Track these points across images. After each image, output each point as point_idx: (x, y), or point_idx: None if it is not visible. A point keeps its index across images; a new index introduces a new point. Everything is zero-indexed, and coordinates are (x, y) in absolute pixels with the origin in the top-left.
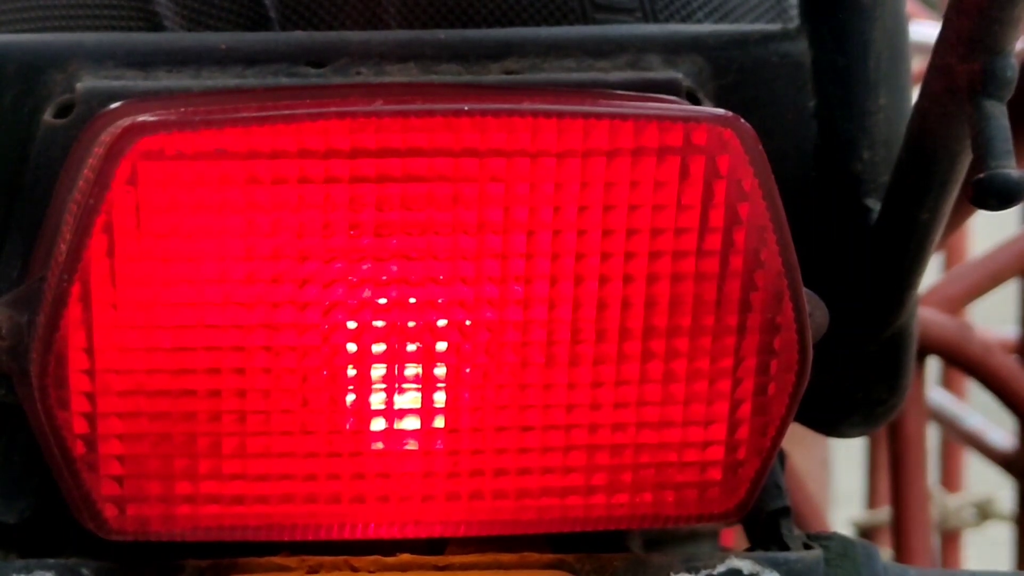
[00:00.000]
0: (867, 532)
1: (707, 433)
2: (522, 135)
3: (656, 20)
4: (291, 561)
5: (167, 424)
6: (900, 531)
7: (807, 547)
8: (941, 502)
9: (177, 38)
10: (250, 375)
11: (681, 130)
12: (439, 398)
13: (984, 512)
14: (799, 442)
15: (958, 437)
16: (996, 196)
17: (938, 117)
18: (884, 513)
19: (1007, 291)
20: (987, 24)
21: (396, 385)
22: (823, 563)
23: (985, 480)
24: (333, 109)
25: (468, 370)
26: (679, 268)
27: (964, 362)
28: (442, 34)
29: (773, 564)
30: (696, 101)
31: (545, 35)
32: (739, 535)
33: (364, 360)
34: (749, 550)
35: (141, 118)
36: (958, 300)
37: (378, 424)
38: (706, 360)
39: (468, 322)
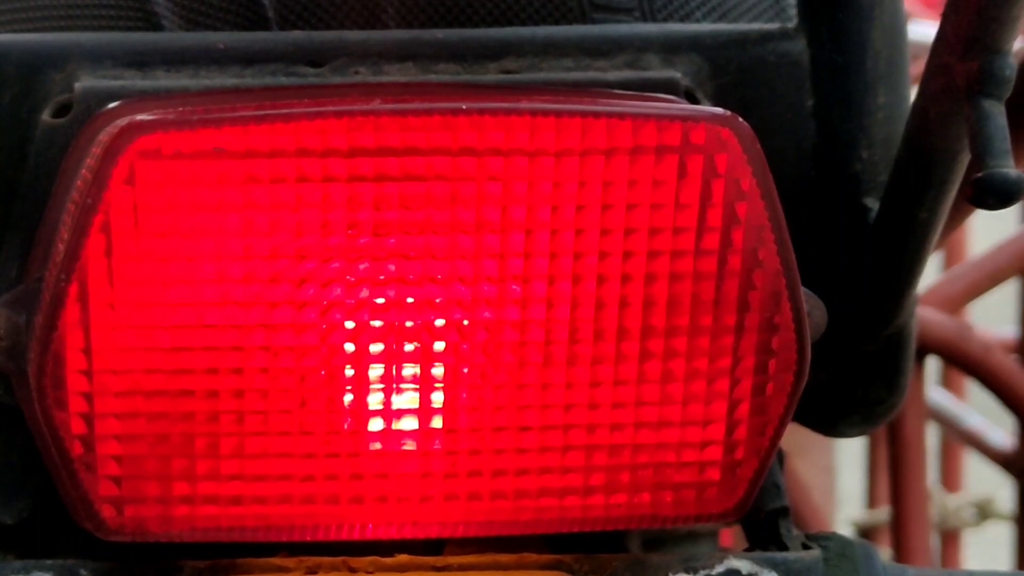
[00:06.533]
0: (866, 532)
1: (705, 433)
2: (520, 134)
3: (654, 19)
4: (289, 562)
5: (165, 424)
6: (899, 531)
7: (806, 547)
8: (941, 502)
9: (175, 38)
10: (248, 375)
11: (679, 129)
12: (437, 398)
13: (984, 512)
14: (804, 450)
15: (958, 437)
16: (995, 195)
17: (936, 116)
18: (884, 513)
19: (1007, 291)
20: (985, 23)
21: (394, 385)
22: (822, 563)
23: (985, 480)
24: (331, 108)
25: (466, 370)
26: (677, 267)
27: (964, 362)
28: (440, 33)
29: (772, 564)
30: (694, 100)
31: (543, 35)
32: (738, 535)
33: (362, 360)
34: (748, 550)
35: (139, 117)
36: (958, 300)
37: (376, 424)
38: (704, 360)
39: (466, 322)
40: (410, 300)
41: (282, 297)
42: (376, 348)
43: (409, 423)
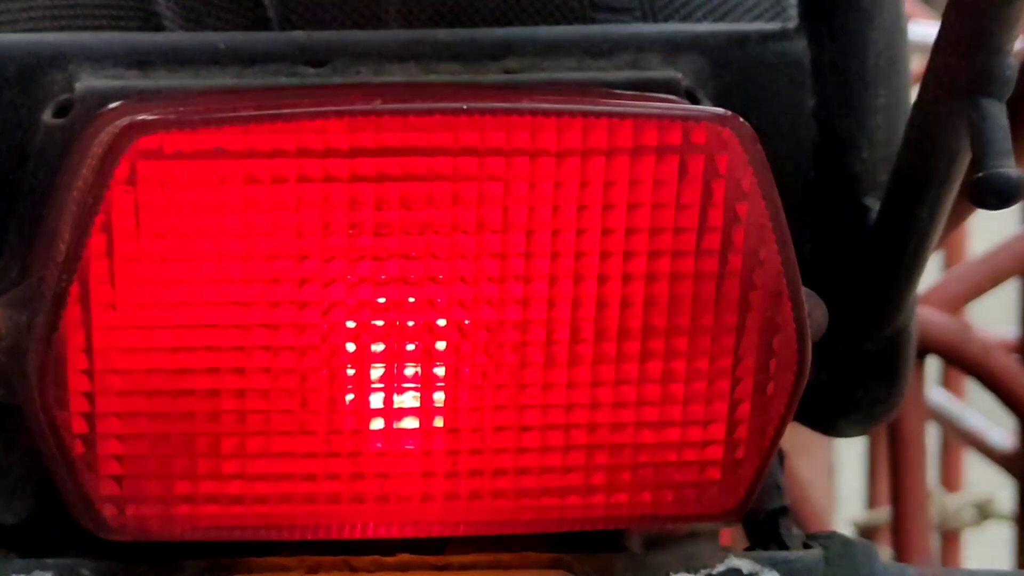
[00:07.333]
0: (867, 532)
1: (706, 433)
2: (521, 134)
3: (655, 19)
4: (290, 561)
5: (166, 424)
6: (900, 531)
7: (806, 546)
8: (941, 502)
9: (176, 38)
10: (249, 375)
11: (680, 129)
12: (438, 398)
13: (984, 512)
14: (804, 450)
15: (958, 437)
16: (995, 195)
17: (937, 116)
18: (884, 513)
19: (1007, 291)
20: (986, 23)
21: (395, 385)
22: (822, 562)
23: (985, 480)
24: (332, 108)
25: (467, 370)
26: (678, 267)
27: (964, 362)
28: (441, 33)
29: (772, 563)
30: (695, 100)
31: (544, 34)
32: (739, 534)
33: (363, 359)
34: (748, 549)
35: (140, 117)
36: (958, 300)
37: (377, 424)
38: (705, 359)
39: (467, 321)
40: (411, 300)
41: (283, 297)
42: (377, 348)
43: (410, 422)
